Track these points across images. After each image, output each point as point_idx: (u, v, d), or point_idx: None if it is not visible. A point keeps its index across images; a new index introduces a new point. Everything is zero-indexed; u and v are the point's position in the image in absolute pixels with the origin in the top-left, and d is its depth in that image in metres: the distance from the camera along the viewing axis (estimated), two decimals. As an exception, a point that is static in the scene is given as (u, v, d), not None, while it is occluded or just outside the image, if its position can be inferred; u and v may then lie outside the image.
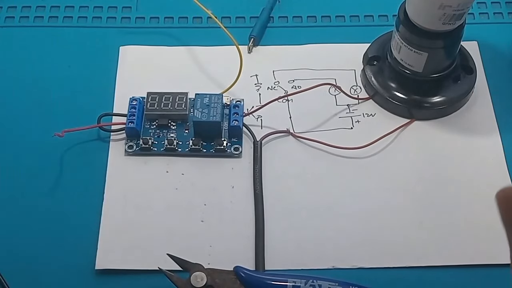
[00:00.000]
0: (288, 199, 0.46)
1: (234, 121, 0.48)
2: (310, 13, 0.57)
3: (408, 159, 0.48)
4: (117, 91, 0.51)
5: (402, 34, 0.47)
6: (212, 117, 0.47)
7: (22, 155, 0.48)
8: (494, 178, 0.48)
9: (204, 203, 0.46)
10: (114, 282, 0.43)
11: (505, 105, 0.51)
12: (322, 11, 0.57)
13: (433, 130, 0.50)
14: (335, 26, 0.56)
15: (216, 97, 0.48)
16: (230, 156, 0.48)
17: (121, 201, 0.46)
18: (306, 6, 0.57)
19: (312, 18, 0.57)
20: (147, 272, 0.43)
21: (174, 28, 0.56)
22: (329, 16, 0.57)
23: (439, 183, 0.47)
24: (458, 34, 0.47)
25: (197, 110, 0.47)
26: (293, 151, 0.49)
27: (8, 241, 0.45)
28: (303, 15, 0.57)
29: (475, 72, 0.52)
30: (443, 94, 0.50)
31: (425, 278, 0.43)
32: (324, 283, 0.40)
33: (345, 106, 0.51)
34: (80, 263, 0.43)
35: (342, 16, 0.57)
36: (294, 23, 0.56)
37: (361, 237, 0.45)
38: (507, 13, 0.57)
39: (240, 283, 0.40)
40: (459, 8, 0.44)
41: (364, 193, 0.47)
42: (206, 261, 0.43)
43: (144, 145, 0.48)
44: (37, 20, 0.56)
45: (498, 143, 0.49)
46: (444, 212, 0.46)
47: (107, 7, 0.57)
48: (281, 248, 0.44)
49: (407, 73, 0.49)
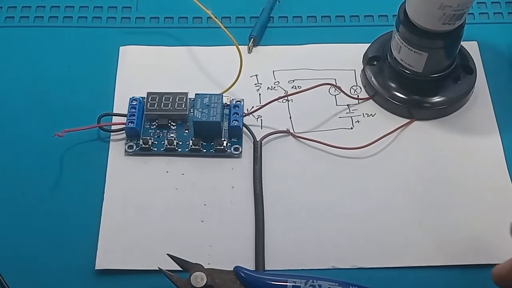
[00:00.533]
0: (288, 199, 0.46)
1: (234, 121, 0.48)
2: (310, 13, 0.57)
3: (408, 159, 0.48)
4: (117, 91, 0.51)
5: (402, 34, 0.47)
6: (212, 117, 0.47)
7: (22, 155, 0.48)
8: (494, 178, 0.48)
9: (204, 203, 0.46)
10: (114, 282, 0.43)
11: (505, 105, 0.51)
12: (322, 11, 0.57)
13: (433, 130, 0.50)
14: (335, 26, 0.56)
15: (216, 97, 0.48)
16: (230, 156, 0.48)
17: (121, 201, 0.46)
18: (306, 6, 0.57)
19: (312, 18, 0.57)
20: (147, 272, 0.43)
21: (174, 28, 0.56)
22: (329, 16, 0.57)
23: (439, 183, 0.47)
24: (458, 34, 0.47)
25: (197, 110, 0.47)
26: (293, 151, 0.49)
27: (8, 241, 0.44)
28: (303, 15, 0.57)
29: (475, 72, 0.52)
30: (443, 94, 0.50)
31: (425, 278, 0.43)
32: (324, 283, 0.40)
33: (345, 106, 0.51)
34: (80, 263, 0.43)
35: (342, 16, 0.57)
36: (294, 23, 0.56)
37: (361, 237, 0.45)
38: (507, 13, 0.57)
39: (240, 283, 0.40)
40: (459, 8, 0.44)
41: (364, 193, 0.47)
42: (206, 261, 0.43)
43: (144, 145, 0.48)
44: (37, 20, 0.56)
45: (498, 143, 0.49)
46: (444, 212, 0.46)
47: (107, 7, 0.57)
48: (281, 248, 0.44)
49: (407, 73, 0.49)
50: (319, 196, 0.47)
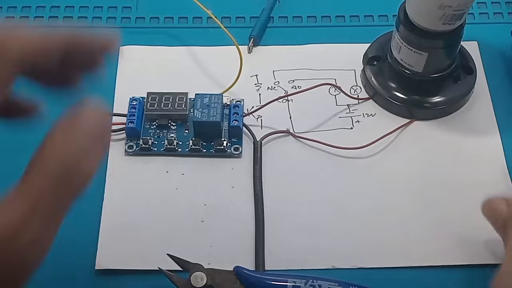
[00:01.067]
0: (288, 199, 0.46)
1: (234, 121, 0.48)
2: (310, 13, 0.57)
3: (408, 159, 0.48)
4: (117, 91, 0.51)
5: (402, 34, 0.47)
6: (212, 117, 0.47)
7: (22, 155, 0.48)
8: (494, 178, 0.48)
9: (204, 203, 0.46)
10: (114, 282, 0.43)
11: (505, 105, 0.51)
12: (322, 11, 0.57)
13: (433, 130, 0.50)
14: (335, 26, 0.56)
15: (216, 97, 0.48)
16: (230, 156, 0.48)
17: (121, 201, 0.46)
18: (306, 6, 0.57)
19: (312, 18, 0.57)
20: (147, 272, 0.43)
21: (174, 28, 0.56)
22: (329, 16, 0.57)
23: (439, 183, 0.47)
24: (458, 34, 0.47)
25: (197, 110, 0.47)
26: (293, 151, 0.49)
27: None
28: (303, 15, 0.57)
29: (475, 72, 0.52)
30: (443, 94, 0.50)
31: (425, 278, 0.43)
32: (324, 283, 0.40)
33: (345, 106, 0.51)
34: (80, 263, 0.43)
35: (342, 16, 0.57)
36: (294, 23, 0.56)
37: (361, 237, 0.45)
38: (507, 13, 0.57)
39: (240, 283, 0.40)
40: (459, 8, 0.44)
41: (364, 193, 0.47)
42: (206, 261, 0.43)
43: (144, 145, 0.48)
44: (37, 20, 0.56)
45: (498, 143, 0.49)
46: (444, 212, 0.46)
47: (107, 7, 0.57)
48: (281, 248, 0.44)
49: (407, 73, 0.49)
50: (319, 196, 0.47)
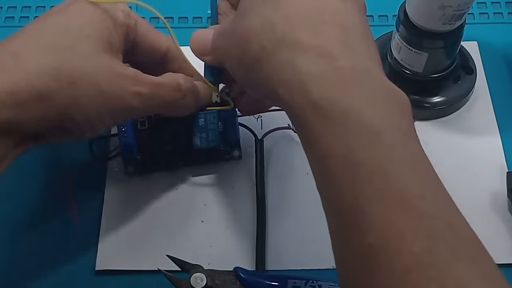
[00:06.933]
0: (288, 199, 0.46)
1: (233, 123, 0.48)
2: (310, 13, 0.57)
3: (408, 159, 0.48)
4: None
5: (402, 34, 0.47)
6: (211, 142, 0.46)
7: (22, 157, 0.48)
8: (494, 178, 0.48)
9: (204, 203, 0.46)
10: (114, 282, 0.43)
11: (505, 105, 0.51)
12: (322, 11, 0.57)
13: (433, 130, 0.50)
14: (335, 26, 0.56)
15: (212, 116, 0.45)
16: (231, 157, 0.48)
17: (121, 201, 0.46)
18: (306, 6, 0.57)
19: (312, 18, 0.57)
20: (147, 273, 0.43)
21: (174, 28, 0.55)
22: (329, 16, 0.57)
23: (439, 183, 0.47)
24: (458, 34, 0.47)
25: (196, 137, 0.45)
26: (293, 151, 0.49)
27: (8, 241, 0.45)
28: (303, 15, 0.57)
29: (475, 72, 0.52)
30: (443, 94, 0.50)
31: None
32: (324, 284, 0.40)
33: (345, 106, 0.51)
34: (80, 263, 0.43)
35: (342, 16, 0.57)
36: (294, 23, 0.56)
37: (361, 237, 0.45)
38: (507, 13, 0.57)
39: (240, 284, 0.40)
40: (459, 8, 0.44)
41: (364, 193, 0.47)
42: (206, 261, 0.43)
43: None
44: (37, 20, 0.56)
45: (498, 143, 0.49)
46: (444, 212, 0.46)
47: (107, 7, 0.57)
48: (281, 248, 0.44)
49: (407, 73, 0.49)
50: (319, 196, 0.46)
